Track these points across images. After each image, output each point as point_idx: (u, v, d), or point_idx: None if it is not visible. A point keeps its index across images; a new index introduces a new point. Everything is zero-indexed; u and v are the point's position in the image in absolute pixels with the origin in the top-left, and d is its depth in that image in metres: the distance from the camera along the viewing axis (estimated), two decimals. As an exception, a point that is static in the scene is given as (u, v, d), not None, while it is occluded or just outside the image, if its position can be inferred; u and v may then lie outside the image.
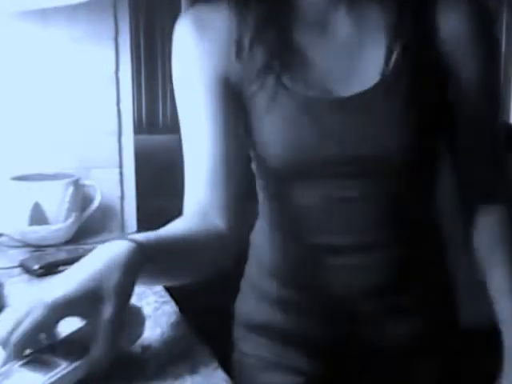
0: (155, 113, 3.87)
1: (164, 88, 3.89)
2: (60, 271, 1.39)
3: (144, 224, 1.76)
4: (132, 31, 1.67)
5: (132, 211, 1.77)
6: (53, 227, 1.51)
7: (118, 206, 1.74)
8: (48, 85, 1.65)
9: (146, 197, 1.87)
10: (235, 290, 1.19)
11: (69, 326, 0.82)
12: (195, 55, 0.96)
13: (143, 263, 0.81)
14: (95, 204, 1.62)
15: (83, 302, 0.76)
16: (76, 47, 1.65)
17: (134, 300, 1.19)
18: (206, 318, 1.70)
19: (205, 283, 0.98)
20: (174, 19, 1.01)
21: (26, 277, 1.32)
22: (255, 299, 1.10)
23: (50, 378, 0.73)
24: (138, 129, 3.07)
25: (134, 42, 1.63)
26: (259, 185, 1.05)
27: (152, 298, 1.19)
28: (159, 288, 1.26)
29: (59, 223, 1.52)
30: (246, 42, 0.92)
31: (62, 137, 1.67)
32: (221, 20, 0.94)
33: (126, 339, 0.86)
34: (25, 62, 1.63)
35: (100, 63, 1.68)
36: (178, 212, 1.01)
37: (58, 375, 0.73)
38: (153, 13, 3.63)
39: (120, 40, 1.68)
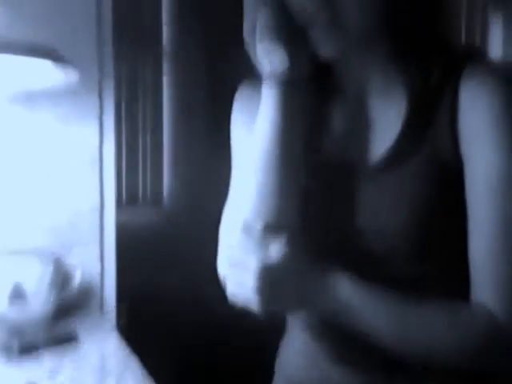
0: (135, 186, 3.89)
1: (144, 161, 3.93)
2: (39, 351, 1.38)
3: (123, 301, 1.75)
4: (114, 107, 1.70)
5: (111, 288, 1.75)
6: (32, 306, 1.50)
7: (98, 283, 1.73)
8: (30, 162, 1.66)
9: (126, 272, 1.86)
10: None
11: None
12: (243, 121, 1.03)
13: None
14: (75, 283, 1.61)
15: None
16: (60, 126, 1.67)
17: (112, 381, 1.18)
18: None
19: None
20: (156, 96, 1.06)
21: (4, 356, 1.30)
22: None
23: None
24: (118, 202, 3.07)
25: (115, 117, 1.67)
26: None
27: None
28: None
29: (38, 302, 1.50)
30: None
31: (43, 214, 1.67)
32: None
33: None
34: (9, 140, 1.64)
35: (84, 141, 1.70)
36: (157, 286, 1.00)
37: None
38: (135, 89, 3.71)
39: (104, 118, 1.71)
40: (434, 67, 0.92)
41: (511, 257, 0.86)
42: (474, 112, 0.89)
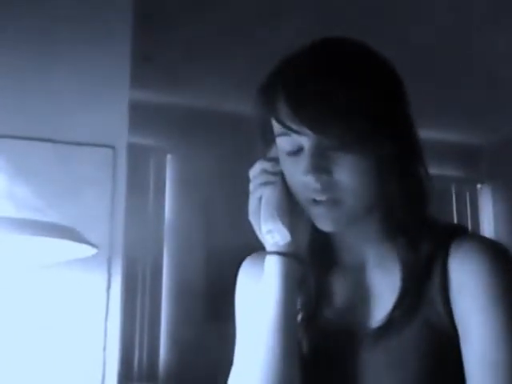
0: (130, 361, 3.85)
1: (141, 335, 3.93)
2: None
3: None
4: (121, 282, 1.86)
5: None
6: None
7: None
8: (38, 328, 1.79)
9: None
10: None
11: None
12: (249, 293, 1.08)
13: None
14: None
15: None
16: (70, 295, 1.82)
17: None
18: None
19: None
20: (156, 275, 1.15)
21: None
22: None
23: None
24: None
25: (121, 293, 1.82)
26: None
27: None
28: None
29: None
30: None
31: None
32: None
33: None
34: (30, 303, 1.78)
35: (90, 314, 1.83)
36: None
37: None
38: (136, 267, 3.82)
39: (111, 292, 1.86)
40: (424, 243, 0.97)
41: None
42: (464, 285, 0.93)
